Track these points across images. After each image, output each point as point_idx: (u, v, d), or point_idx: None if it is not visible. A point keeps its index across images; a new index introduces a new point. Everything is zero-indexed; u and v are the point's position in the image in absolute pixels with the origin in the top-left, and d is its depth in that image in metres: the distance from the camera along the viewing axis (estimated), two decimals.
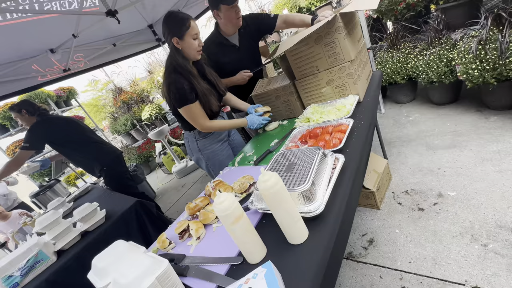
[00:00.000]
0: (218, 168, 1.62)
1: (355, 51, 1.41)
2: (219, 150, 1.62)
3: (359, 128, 1.18)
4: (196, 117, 1.43)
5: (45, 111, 2.35)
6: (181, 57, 1.36)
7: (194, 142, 1.60)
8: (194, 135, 1.59)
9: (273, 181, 0.64)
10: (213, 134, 1.60)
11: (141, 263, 0.70)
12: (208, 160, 1.63)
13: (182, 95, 1.36)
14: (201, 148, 1.60)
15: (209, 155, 1.61)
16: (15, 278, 1.30)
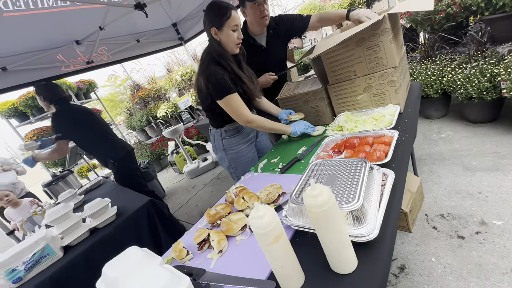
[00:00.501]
0: (240, 170, 1.54)
1: (399, 57, 1.29)
2: (245, 152, 1.54)
3: (404, 141, 1.05)
4: (237, 108, 1.33)
5: (65, 100, 2.35)
6: (220, 47, 1.30)
7: (220, 140, 1.53)
8: (220, 133, 1.52)
9: (325, 197, 0.53)
10: (241, 133, 1.52)
11: (158, 278, 0.60)
12: (231, 161, 1.55)
13: (223, 86, 1.27)
14: (226, 147, 1.53)
15: (233, 155, 1.53)
16: (18, 272, 1.23)
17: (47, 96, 2.26)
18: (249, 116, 1.36)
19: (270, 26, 1.72)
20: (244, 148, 1.55)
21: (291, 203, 0.74)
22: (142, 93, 5.77)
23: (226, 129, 1.51)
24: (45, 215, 1.41)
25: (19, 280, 1.24)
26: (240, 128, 1.53)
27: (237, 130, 1.53)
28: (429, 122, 2.62)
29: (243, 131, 1.54)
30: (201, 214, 2.90)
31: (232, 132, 1.52)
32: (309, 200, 0.54)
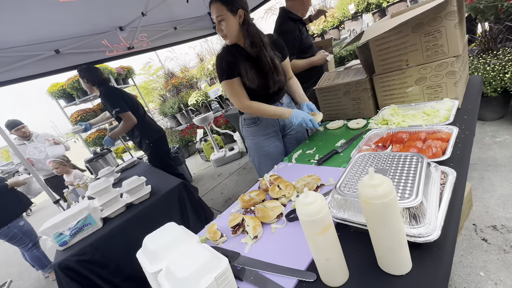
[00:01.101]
0: (257, 162, 1.53)
1: (462, 45, 1.14)
2: (263, 145, 1.49)
3: (463, 139, 0.94)
4: (234, 94, 1.34)
5: (105, 81, 2.48)
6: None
7: (241, 127, 1.54)
8: (241, 120, 1.53)
9: (387, 188, 0.48)
10: (257, 125, 1.47)
11: (198, 257, 0.59)
12: (250, 149, 1.57)
13: (224, 69, 1.29)
14: (245, 135, 1.55)
15: (251, 145, 1.54)
16: (64, 237, 1.34)
17: (90, 78, 2.39)
18: (245, 102, 1.34)
19: None
20: (263, 141, 1.50)
21: (336, 194, 0.69)
22: (175, 81, 5.95)
23: (244, 118, 1.50)
24: (89, 187, 1.51)
25: (65, 244, 1.36)
26: (257, 120, 1.47)
27: (254, 121, 1.47)
28: (481, 123, 2.35)
29: (261, 123, 1.47)
30: (227, 201, 2.96)
31: (250, 121, 1.49)
32: (367, 190, 0.49)
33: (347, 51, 4.52)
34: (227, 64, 1.28)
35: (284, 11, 1.93)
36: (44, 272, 2.79)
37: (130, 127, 2.44)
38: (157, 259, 0.67)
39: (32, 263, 2.70)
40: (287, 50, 1.98)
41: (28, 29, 2.12)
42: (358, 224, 0.63)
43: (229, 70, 1.29)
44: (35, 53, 2.41)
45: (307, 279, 0.61)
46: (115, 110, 2.33)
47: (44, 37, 2.37)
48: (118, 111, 2.34)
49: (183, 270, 0.56)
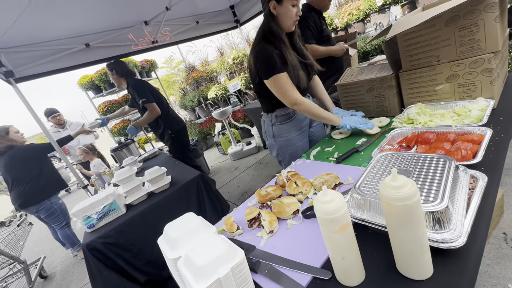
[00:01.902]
0: (288, 159, 1.48)
1: (502, 41, 1.05)
2: (295, 140, 1.46)
3: (498, 142, 0.88)
4: (285, 89, 1.26)
5: (132, 73, 2.65)
6: (275, 24, 1.24)
7: (270, 126, 1.47)
8: (271, 119, 1.46)
9: (411, 190, 0.46)
10: (292, 120, 1.43)
11: (216, 247, 0.62)
12: (280, 149, 1.49)
13: (270, 64, 1.23)
14: (275, 134, 1.47)
15: (283, 143, 1.47)
16: (92, 220, 1.44)
17: (119, 70, 2.52)
18: (297, 97, 1.27)
19: None
20: (295, 137, 1.46)
21: (355, 193, 0.68)
22: (196, 75, 6.06)
23: (276, 115, 1.44)
24: (114, 174, 1.60)
25: (92, 227, 1.46)
26: (292, 115, 1.44)
27: (289, 116, 1.43)
28: None
29: (295, 118, 1.45)
30: (242, 195, 3.01)
31: (283, 118, 1.43)
32: (390, 192, 0.47)
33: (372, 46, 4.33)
34: (278, 57, 1.23)
35: (305, 5, 2.06)
36: (73, 250, 3.03)
37: (154, 117, 2.53)
38: (177, 246, 0.70)
39: (64, 241, 2.93)
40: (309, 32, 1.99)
41: (62, 24, 2.25)
42: (377, 225, 0.62)
43: (280, 63, 1.23)
44: (68, 47, 2.56)
45: (322, 277, 0.61)
46: (142, 100, 2.44)
47: (76, 32, 2.51)
48: (144, 101, 2.44)
49: (201, 258, 0.59)
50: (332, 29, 5.95)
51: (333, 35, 5.52)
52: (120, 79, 2.56)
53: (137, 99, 2.50)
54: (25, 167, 2.45)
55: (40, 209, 2.58)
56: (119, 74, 2.53)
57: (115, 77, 2.56)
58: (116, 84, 2.65)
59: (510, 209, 1.47)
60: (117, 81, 2.59)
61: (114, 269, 1.43)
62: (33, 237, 4.39)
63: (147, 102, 2.46)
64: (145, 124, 2.63)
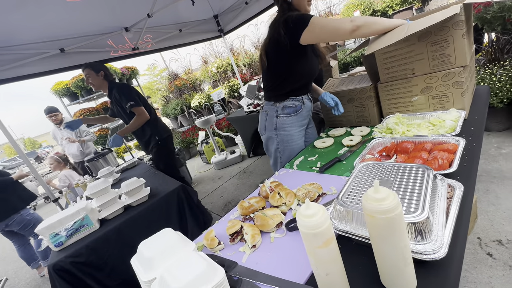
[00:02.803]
0: (286, 156, 1.46)
1: (469, 55, 1.13)
2: (296, 136, 1.44)
3: (470, 151, 0.91)
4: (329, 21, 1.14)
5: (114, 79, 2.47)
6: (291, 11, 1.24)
7: (274, 117, 1.42)
8: (276, 109, 1.41)
9: (393, 203, 0.45)
10: (297, 115, 1.42)
11: (194, 266, 0.57)
12: (280, 143, 1.45)
13: (303, 15, 1.18)
14: (278, 127, 1.43)
15: (284, 137, 1.43)
16: (60, 237, 1.33)
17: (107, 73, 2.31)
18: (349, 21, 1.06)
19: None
20: (297, 132, 1.45)
21: (338, 205, 0.67)
22: (179, 83, 5.98)
23: (284, 105, 1.40)
24: (87, 187, 1.49)
25: (61, 245, 1.34)
26: (299, 108, 1.42)
27: (295, 109, 1.41)
28: (487, 135, 2.32)
29: (300, 113, 1.43)
30: (226, 205, 2.93)
31: (290, 110, 1.41)
32: (372, 204, 0.46)
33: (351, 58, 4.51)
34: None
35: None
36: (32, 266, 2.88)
37: (142, 122, 2.34)
38: (151, 267, 0.65)
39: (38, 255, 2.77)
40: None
41: (34, 27, 2.13)
42: (361, 237, 0.61)
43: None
44: (40, 51, 2.42)
45: None
46: (130, 103, 2.23)
47: (50, 36, 2.38)
48: (133, 104, 2.24)
49: (177, 280, 0.54)
50: None
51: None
52: (104, 82, 2.30)
53: (123, 103, 2.27)
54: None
55: (10, 224, 2.51)
56: (107, 76, 2.31)
57: (100, 79, 2.27)
58: (95, 88, 2.32)
59: (483, 214, 1.54)
60: (101, 84, 2.30)
61: None
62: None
63: (136, 106, 2.26)
64: (132, 130, 2.38)
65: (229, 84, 5.38)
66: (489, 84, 2.07)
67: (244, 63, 5.75)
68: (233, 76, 5.74)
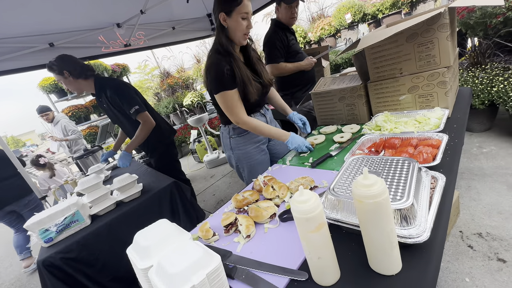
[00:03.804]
0: (247, 172, 1.46)
1: (453, 56, 1.19)
2: (253, 154, 1.43)
3: (453, 146, 0.97)
4: (231, 107, 1.25)
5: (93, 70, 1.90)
6: (224, 37, 1.22)
7: (228, 138, 1.45)
8: (228, 131, 1.43)
9: (380, 188, 0.49)
10: (249, 134, 1.40)
11: (190, 253, 0.59)
12: (238, 161, 1.46)
13: (220, 80, 1.21)
14: (233, 147, 1.44)
15: (240, 156, 1.44)
16: (50, 233, 1.31)
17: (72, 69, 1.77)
18: (243, 118, 1.27)
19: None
20: (253, 150, 1.43)
21: (330, 194, 0.70)
22: (171, 81, 5.92)
23: (233, 127, 1.40)
24: (78, 183, 1.47)
25: (50, 241, 1.32)
26: None
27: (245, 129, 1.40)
28: (469, 135, 2.43)
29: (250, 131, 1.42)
30: (218, 203, 2.94)
31: (240, 130, 1.39)
32: (361, 190, 0.50)
33: (342, 59, 4.61)
34: (229, 73, 1.21)
35: (273, 20, 2.14)
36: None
37: (149, 131, 1.89)
38: (148, 255, 0.66)
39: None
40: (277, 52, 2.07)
41: (22, 20, 2.08)
42: (351, 224, 0.64)
43: (230, 80, 1.22)
44: (28, 45, 2.36)
45: (298, 278, 0.61)
46: (135, 108, 1.80)
47: (39, 30, 2.33)
48: (138, 109, 1.80)
49: (174, 265, 0.56)
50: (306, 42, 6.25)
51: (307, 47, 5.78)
52: (78, 82, 1.80)
53: (125, 107, 1.83)
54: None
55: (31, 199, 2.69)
56: (75, 75, 1.77)
57: (70, 81, 1.77)
58: (73, 90, 1.85)
59: (465, 209, 1.62)
60: (75, 85, 1.80)
61: (75, 287, 1.30)
62: None
63: (141, 111, 1.81)
64: (140, 143, 1.93)
65: None
66: (471, 86, 2.17)
67: None
68: None
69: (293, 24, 2.16)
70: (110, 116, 2.05)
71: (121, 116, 1.95)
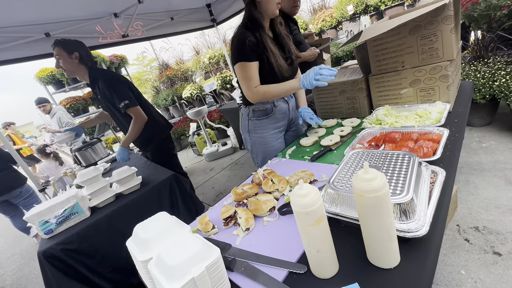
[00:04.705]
0: (261, 158, 1.47)
1: (457, 49, 1.17)
2: (270, 140, 1.44)
3: (453, 141, 0.97)
4: (247, 78, 1.24)
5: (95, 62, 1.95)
6: (256, 11, 1.23)
7: (247, 120, 1.46)
8: (248, 113, 1.44)
9: (381, 182, 0.48)
10: (269, 118, 1.42)
11: (190, 246, 0.59)
12: (253, 145, 1.48)
13: (240, 50, 1.22)
14: (250, 129, 1.45)
15: (257, 140, 1.45)
16: (50, 225, 1.31)
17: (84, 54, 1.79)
18: (254, 88, 1.25)
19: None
20: (270, 135, 1.45)
21: (329, 188, 0.70)
22: (170, 73, 5.86)
23: (254, 109, 1.41)
24: (77, 175, 1.47)
25: (50, 232, 1.32)
26: (270, 111, 1.41)
27: (266, 112, 1.41)
28: (469, 129, 2.42)
29: (273, 116, 1.43)
30: (218, 196, 2.95)
31: (260, 113, 1.41)
32: (361, 184, 0.49)
33: (343, 52, 4.55)
34: (252, 45, 1.20)
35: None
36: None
37: (142, 125, 1.88)
38: (148, 248, 0.66)
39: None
40: None
41: (17, 10, 2.03)
42: (350, 218, 0.64)
43: (251, 51, 1.21)
44: (24, 35, 2.31)
45: (297, 271, 0.61)
46: (124, 102, 1.77)
47: (34, 19, 2.27)
48: (128, 104, 1.78)
49: (174, 258, 0.56)
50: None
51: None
52: (81, 68, 1.78)
53: (115, 101, 1.80)
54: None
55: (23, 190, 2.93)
56: (83, 60, 1.77)
57: (74, 63, 1.74)
58: (68, 73, 1.79)
59: (462, 203, 1.63)
60: (76, 69, 1.77)
61: (76, 278, 1.31)
62: None
63: (131, 106, 1.79)
64: (135, 137, 1.93)
65: (221, 75, 5.32)
66: (473, 81, 2.16)
67: None
68: (226, 68, 5.68)
69: (295, 14, 2.12)
70: (104, 108, 2.08)
71: (113, 108, 1.93)
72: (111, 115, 2.09)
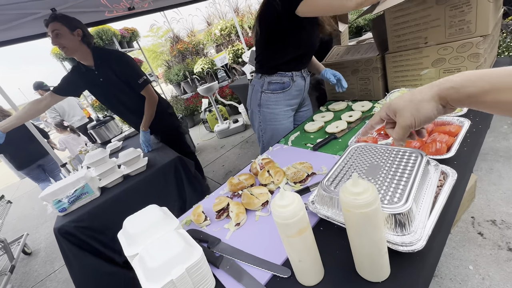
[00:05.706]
0: (268, 135, 1.40)
1: (494, 22, 0.98)
2: (281, 117, 1.35)
3: (474, 133, 0.85)
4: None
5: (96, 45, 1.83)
6: None
7: (259, 92, 1.34)
8: (262, 84, 1.32)
9: (370, 198, 0.42)
10: (284, 92, 1.32)
11: (172, 245, 0.58)
12: (262, 121, 1.38)
13: None
14: (262, 103, 1.35)
15: (267, 115, 1.36)
16: (63, 204, 1.39)
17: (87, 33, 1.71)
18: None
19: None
20: (282, 112, 1.35)
21: (322, 190, 0.65)
22: (181, 46, 5.70)
23: (271, 80, 1.31)
24: (85, 157, 1.52)
25: (64, 210, 1.41)
26: (287, 85, 1.31)
27: (282, 86, 1.31)
28: None
29: (288, 91, 1.33)
30: (227, 174, 3.00)
31: (276, 86, 1.31)
32: (348, 198, 0.44)
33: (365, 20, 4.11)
34: None
35: None
36: None
37: (156, 104, 1.87)
38: (134, 243, 0.67)
39: None
40: None
41: None
42: (341, 223, 0.60)
43: None
44: (30, 11, 2.28)
45: (282, 275, 0.59)
46: (144, 78, 1.76)
47: None
48: (146, 80, 1.78)
49: (154, 260, 0.56)
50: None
51: None
52: (83, 47, 1.67)
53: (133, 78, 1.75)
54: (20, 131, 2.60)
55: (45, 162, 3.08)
56: (86, 38, 1.68)
57: (76, 41, 1.62)
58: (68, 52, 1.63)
59: (481, 193, 1.51)
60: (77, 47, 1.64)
61: (90, 251, 1.42)
62: (16, 215, 4.34)
63: (149, 82, 1.80)
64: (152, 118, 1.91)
65: (233, 48, 5.09)
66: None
67: (250, 25, 5.36)
68: (237, 40, 5.41)
69: None
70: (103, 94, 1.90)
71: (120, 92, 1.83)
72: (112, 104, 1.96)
